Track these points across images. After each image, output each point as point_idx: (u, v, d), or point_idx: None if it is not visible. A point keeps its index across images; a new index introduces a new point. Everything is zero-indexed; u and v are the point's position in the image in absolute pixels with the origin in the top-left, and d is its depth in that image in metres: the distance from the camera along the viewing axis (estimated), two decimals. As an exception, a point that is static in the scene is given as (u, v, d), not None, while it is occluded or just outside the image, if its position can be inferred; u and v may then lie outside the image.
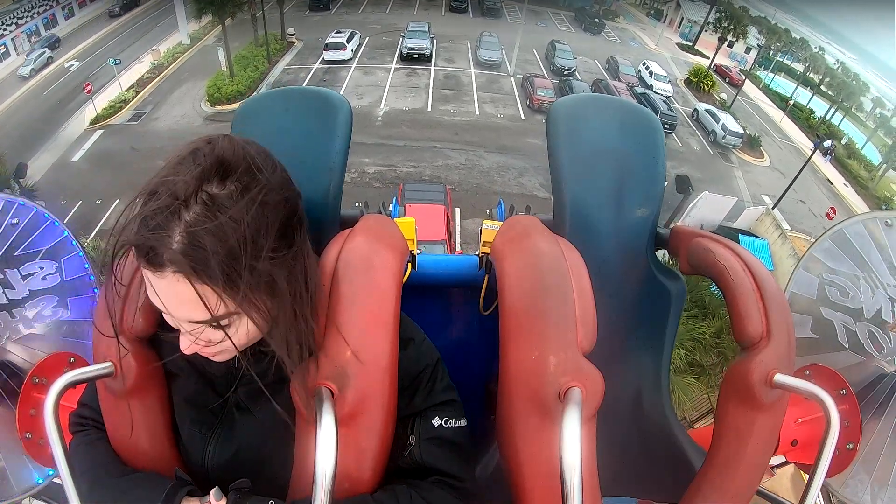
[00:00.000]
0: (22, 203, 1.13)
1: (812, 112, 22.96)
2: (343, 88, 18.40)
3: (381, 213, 1.37)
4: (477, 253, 1.21)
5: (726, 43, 25.61)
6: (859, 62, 23.32)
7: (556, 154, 1.08)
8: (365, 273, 0.70)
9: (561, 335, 0.70)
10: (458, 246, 11.33)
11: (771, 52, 25.72)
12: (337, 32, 20.88)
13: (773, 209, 13.80)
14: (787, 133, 21.48)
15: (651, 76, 21.76)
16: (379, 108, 17.54)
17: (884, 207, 17.36)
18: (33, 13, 19.74)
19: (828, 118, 22.05)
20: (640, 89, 20.36)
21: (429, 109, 17.85)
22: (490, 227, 1.12)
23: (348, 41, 20.42)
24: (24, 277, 1.11)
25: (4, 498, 1.07)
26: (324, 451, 0.56)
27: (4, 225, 1.11)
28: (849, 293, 1.15)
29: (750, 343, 0.79)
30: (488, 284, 1.15)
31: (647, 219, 1.11)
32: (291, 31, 21.59)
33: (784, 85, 24.98)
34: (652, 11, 31.01)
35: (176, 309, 0.56)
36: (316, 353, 0.64)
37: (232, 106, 16.90)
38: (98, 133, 15.61)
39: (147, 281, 0.56)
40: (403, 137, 15.89)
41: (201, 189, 0.53)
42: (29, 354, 1.11)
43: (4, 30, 18.37)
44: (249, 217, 0.54)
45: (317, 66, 20.03)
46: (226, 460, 0.71)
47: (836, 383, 1.08)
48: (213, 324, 0.57)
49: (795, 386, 0.73)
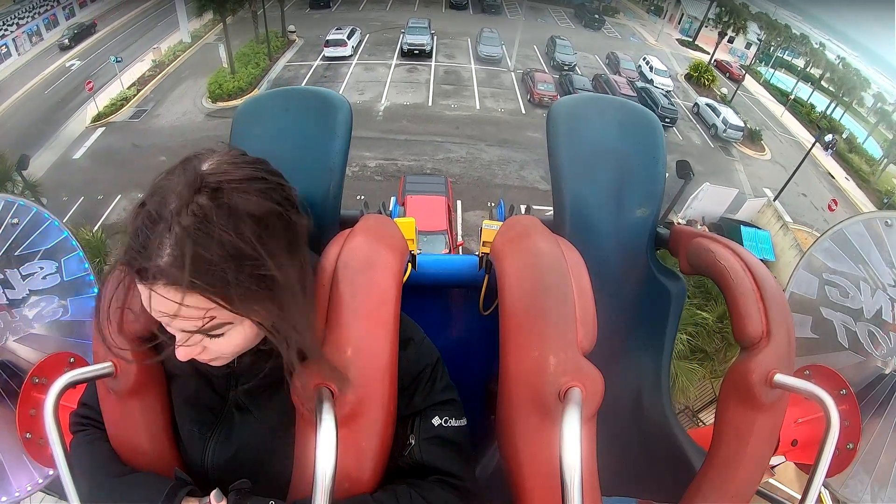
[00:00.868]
0: (22, 203, 1.13)
1: (813, 107, 22.82)
2: (344, 84, 18.39)
3: (381, 213, 1.37)
4: (477, 253, 1.20)
5: (726, 38, 25.52)
6: (860, 59, 23.23)
7: (556, 154, 1.08)
8: (365, 273, 0.70)
9: (561, 335, 0.70)
10: (459, 237, 11.30)
11: (771, 47, 25.62)
12: (337, 29, 20.88)
13: (774, 201, 13.75)
14: (787, 128, 21.40)
15: (651, 71, 21.69)
16: (380, 103, 17.50)
17: (885, 201, 17.34)
18: (34, 13, 19.75)
19: (828, 113, 21.94)
20: (640, 84, 20.32)
21: (429, 104, 17.80)
22: (490, 227, 1.12)
23: (349, 37, 20.42)
24: (24, 277, 1.11)
25: (4, 498, 1.07)
26: (324, 451, 0.56)
27: (4, 225, 1.11)
28: (849, 293, 1.15)
29: (750, 343, 0.79)
30: (488, 284, 1.15)
31: (647, 219, 1.11)
32: (292, 28, 21.59)
33: (785, 81, 24.86)
34: (652, 8, 30.85)
35: (169, 320, 0.56)
36: (316, 353, 0.64)
37: (233, 102, 16.88)
38: (99, 131, 15.60)
39: (141, 292, 0.56)
40: (404, 132, 15.81)
41: (192, 201, 0.53)
42: (29, 354, 1.11)
43: (5, 30, 18.38)
44: (241, 228, 0.54)
45: (318, 62, 20.03)
46: (225, 460, 0.71)
47: (836, 383, 1.08)
48: (209, 334, 0.57)
49: (795, 386, 0.73)
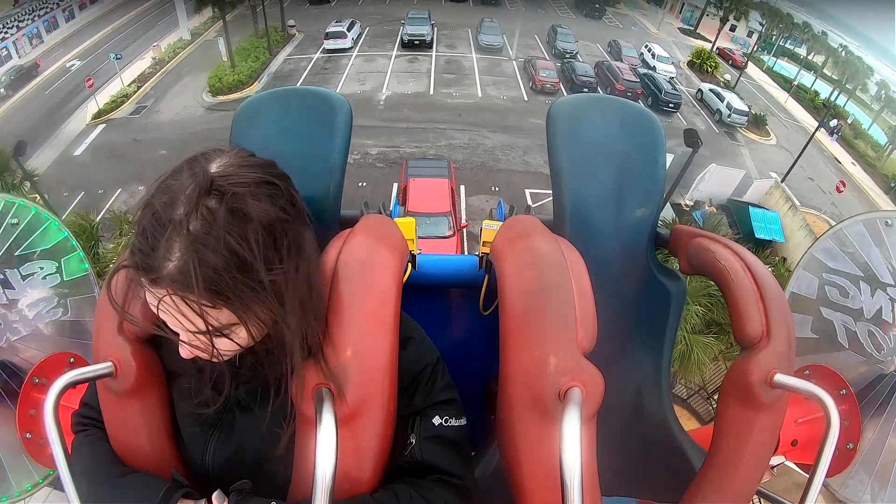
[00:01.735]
0: (22, 203, 1.13)
1: (817, 94, 22.71)
2: (344, 75, 18.38)
3: (381, 213, 1.37)
4: (477, 253, 1.20)
5: (728, 27, 25.42)
6: (862, 49, 23.12)
7: (556, 154, 1.08)
8: (365, 273, 0.70)
9: (561, 335, 0.70)
10: (463, 219, 11.22)
11: (773, 36, 25.52)
12: (337, 22, 20.92)
13: (782, 182, 13.67)
14: (792, 113, 21.34)
15: (654, 58, 21.60)
16: (381, 92, 17.43)
17: (893, 185, 17.28)
18: (34, 16, 19.78)
19: (833, 100, 21.82)
20: (643, 70, 20.24)
21: (431, 93, 17.76)
22: (490, 227, 1.12)
23: (349, 30, 20.47)
24: (24, 277, 1.11)
25: (4, 498, 1.07)
26: (324, 452, 0.56)
27: (4, 225, 1.11)
28: (849, 293, 1.15)
29: (750, 343, 0.79)
30: (488, 284, 1.15)
31: (647, 219, 1.11)
32: (292, 23, 21.63)
33: (787, 70, 24.77)
34: (652, -3, 30.76)
35: (174, 321, 0.56)
36: (316, 354, 0.64)
37: (234, 95, 16.89)
38: (100, 128, 15.62)
39: (147, 294, 0.55)
40: (406, 120, 15.71)
41: (200, 204, 0.52)
42: (29, 354, 1.11)
43: (6, 33, 18.40)
44: (249, 232, 0.54)
45: (318, 55, 20.02)
46: (226, 459, 0.71)
47: (836, 383, 1.08)
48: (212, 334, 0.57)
49: (795, 386, 0.73)
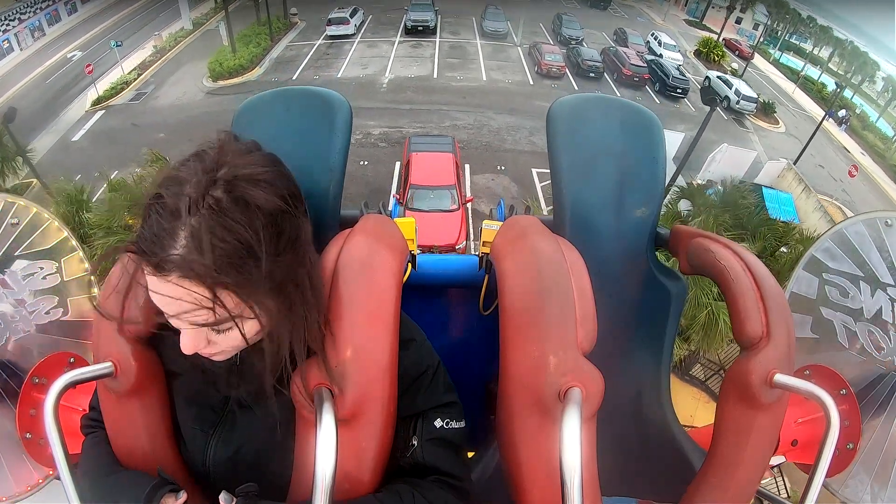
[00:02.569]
0: (22, 203, 1.13)
1: (824, 85, 22.55)
2: (346, 60, 18.28)
3: (381, 213, 1.37)
4: (477, 253, 1.21)
5: (734, 19, 25.30)
6: (868, 46, 23.07)
7: (556, 154, 1.08)
8: (365, 273, 0.70)
9: (561, 335, 0.70)
10: (468, 192, 10.98)
11: (779, 31, 25.43)
12: (340, 8, 20.85)
13: (794, 164, 13.54)
14: (800, 104, 21.25)
15: (660, 46, 21.40)
16: (384, 76, 17.22)
17: None
18: (36, 9, 19.76)
19: (840, 92, 21.79)
20: (650, 57, 20.04)
21: (435, 76, 17.57)
22: (490, 227, 1.12)
23: (351, 16, 20.43)
24: (24, 277, 1.11)
25: (5, 497, 1.07)
26: (324, 452, 0.56)
27: (4, 225, 1.11)
28: (849, 293, 1.15)
29: (750, 343, 0.79)
30: (488, 284, 1.15)
31: (647, 219, 1.11)
32: (294, 11, 21.61)
33: (794, 64, 24.71)
34: (659, -11, 30.56)
35: (178, 312, 0.56)
36: (316, 353, 0.64)
37: (234, 80, 16.78)
38: (99, 114, 15.56)
39: (150, 283, 0.56)
40: (409, 102, 15.58)
41: (207, 193, 0.53)
42: (29, 354, 1.11)
43: (8, 26, 18.38)
44: (255, 222, 0.54)
45: (320, 41, 19.90)
46: (226, 459, 0.71)
47: (836, 383, 1.08)
48: (216, 327, 0.57)
49: (795, 386, 0.73)
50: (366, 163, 12.03)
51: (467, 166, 12.17)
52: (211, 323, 0.56)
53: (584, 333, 0.71)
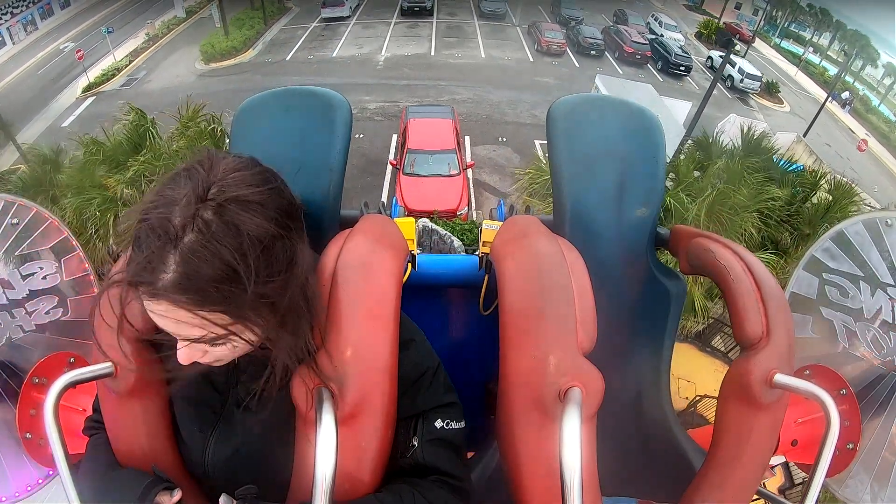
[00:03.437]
0: (22, 203, 1.13)
1: (826, 69, 22.54)
2: (342, 40, 18.13)
3: (381, 213, 1.37)
4: (477, 253, 1.21)
5: (734, 3, 25.24)
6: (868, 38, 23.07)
7: (555, 154, 1.08)
8: (365, 273, 0.70)
9: (561, 335, 0.70)
10: (468, 157, 10.70)
11: (778, 18, 25.35)
12: None
13: (804, 136, 13.47)
14: (803, 86, 21.20)
15: (661, 26, 21.31)
16: (380, 55, 16.93)
17: None
18: (28, 2, 19.70)
19: (842, 75, 21.66)
20: (650, 36, 19.94)
21: (432, 54, 17.32)
22: (490, 227, 1.12)
23: None
24: (24, 277, 1.11)
25: (5, 497, 1.07)
26: (324, 452, 0.56)
27: (4, 225, 1.11)
28: (849, 293, 1.15)
29: (750, 343, 0.79)
30: (488, 284, 1.15)
31: (647, 219, 1.11)
32: None
33: (795, 50, 24.63)
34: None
35: (173, 329, 0.56)
36: (316, 354, 0.64)
37: (226, 62, 16.64)
38: (90, 100, 15.46)
39: (144, 302, 0.55)
40: (406, 78, 15.38)
41: (197, 216, 0.52)
42: (29, 354, 1.11)
43: (0, 20, 18.34)
44: (244, 247, 0.54)
45: (314, 24, 19.73)
46: (226, 459, 0.71)
47: (836, 383, 1.08)
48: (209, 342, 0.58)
49: (795, 386, 0.73)
50: (361, 136, 11.77)
51: (467, 138, 11.92)
52: (204, 339, 0.56)
53: (584, 333, 0.71)
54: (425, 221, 3.71)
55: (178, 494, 0.65)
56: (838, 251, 1.17)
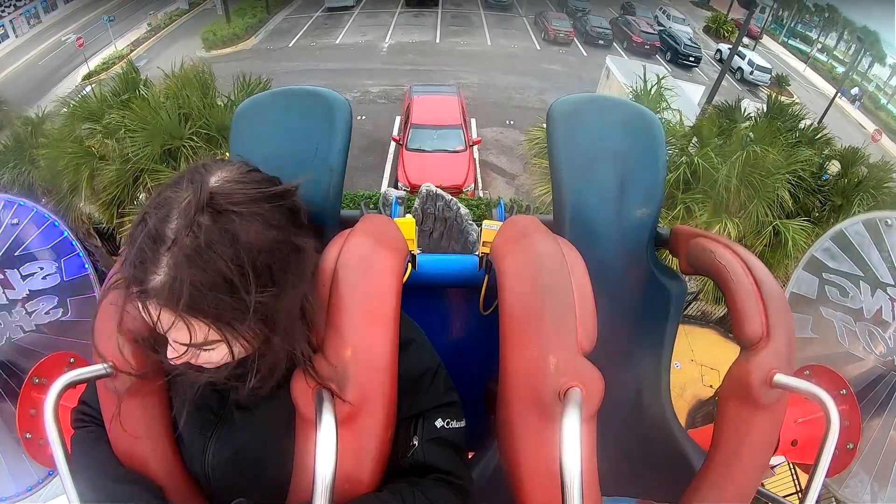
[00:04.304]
0: (22, 203, 1.13)
1: (834, 67, 22.51)
2: (346, 28, 17.96)
3: (381, 213, 1.37)
4: (477, 253, 1.21)
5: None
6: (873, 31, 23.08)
7: (555, 154, 1.08)
8: (365, 273, 0.70)
9: (561, 335, 0.70)
10: (475, 134, 10.53)
11: (784, 17, 25.38)
12: None
13: (819, 123, 13.56)
14: (812, 82, 21.18)
15: (669, 19, 21.19)
16: (384, 42, 16.82)
17: None
18: None
19: (851, 72, 21.64)
20: (659, 27, 19.84)
21: (437, 41, 17.25)
22: (490, 227, 1.12)
23: None
24: (24, 277, 1.11)
25: (4, 498, 1.07)
26: (324, 452, 0.56)
27: (4, 225, 1.11)
28: (849, 293, 1.15)
29: (750, 343, 0.79)
30: (488, 284, 1.15)
31: (647, 219, 1.11)
32: None
33: (803, 47, 24.71)
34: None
35: (165, 332, 0.56)
36: (316, 354, 0.64)
37: (228, 49, 16.58)
38: (89, 88, 15.51)
39: (138, 302, 0.56)
40: (410, 63, 15.04)
41: (195, 222, 0.52)
42: (29, 354, 1.11)
43: (3, 13, 18.31)
44: (241, 257, 0.53)
45: (318, 13, 19.57)
46: (226, 459, 0.71)
47: (836, 383, 1.08)
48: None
49: (795, 386, 0.73)
50: (364, 117, 11.58)
51: (473, 120, 11.76)
52: (193, 344, 0.57)
53: (584, 333, 0.71)
54: (429, 186, 3.46)
55: None
56: (838, 251, 1.17)
